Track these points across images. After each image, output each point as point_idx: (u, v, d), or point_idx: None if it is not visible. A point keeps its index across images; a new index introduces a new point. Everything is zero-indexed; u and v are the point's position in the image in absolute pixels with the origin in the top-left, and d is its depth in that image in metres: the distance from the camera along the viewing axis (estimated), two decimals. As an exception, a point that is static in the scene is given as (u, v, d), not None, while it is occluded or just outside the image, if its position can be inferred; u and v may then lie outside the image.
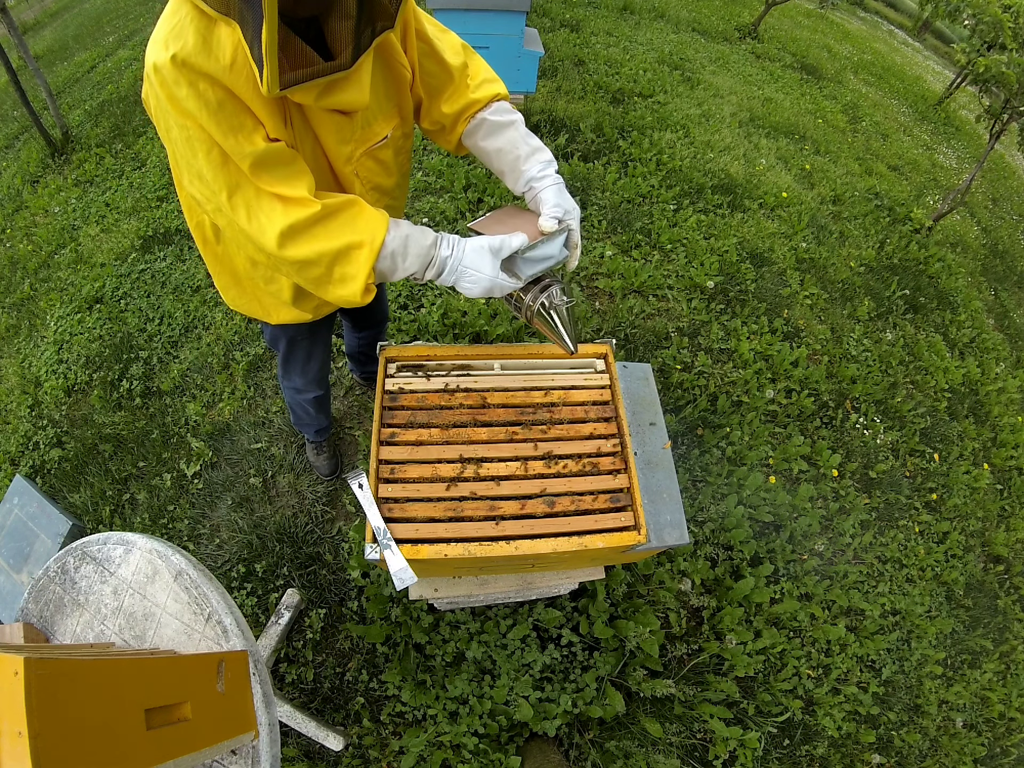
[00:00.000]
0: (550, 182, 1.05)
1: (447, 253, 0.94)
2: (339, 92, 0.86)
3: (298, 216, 0.85)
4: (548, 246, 1.01)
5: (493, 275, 0.94)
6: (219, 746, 0.75)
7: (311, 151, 0.95)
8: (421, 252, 0.93)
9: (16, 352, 2.73)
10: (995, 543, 2.49)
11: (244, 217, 0.87)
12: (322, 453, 2.06)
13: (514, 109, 1.14)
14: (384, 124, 1.04)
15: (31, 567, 1.87)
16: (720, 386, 2.55)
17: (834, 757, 1.82)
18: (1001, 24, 3.47)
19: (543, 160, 1.07)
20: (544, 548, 1.03)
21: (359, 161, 1.03)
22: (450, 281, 0.97)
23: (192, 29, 0.78)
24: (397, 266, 0.93)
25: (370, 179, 1.08)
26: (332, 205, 0.88)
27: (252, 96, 0.81)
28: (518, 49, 2.99)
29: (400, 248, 0.91)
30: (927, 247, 3.85)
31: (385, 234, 0.90)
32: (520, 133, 1.10)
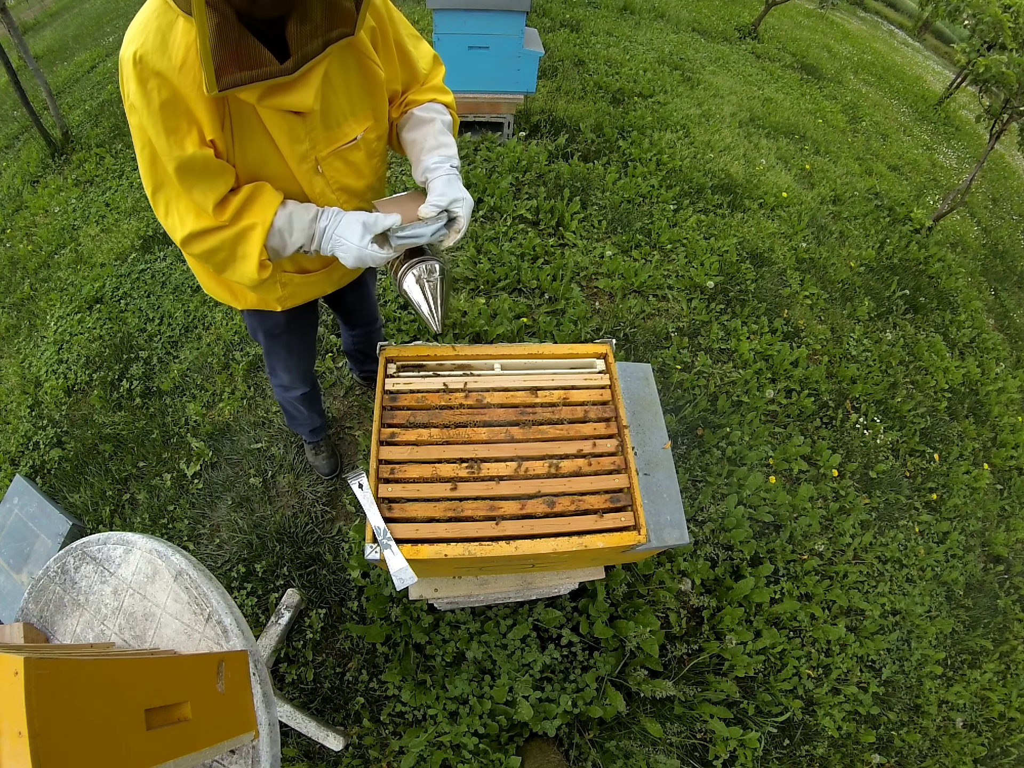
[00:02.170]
0: (442, 173, 1.08)
1: (324, 224, 1.02)
2: (283, 95, 0.89)
3: (205, 224, 0.96)
4: (420, 228, 1.04)
5: (362, 245, 1.00)
6: (219, 746, 0.75)
7: (257, 148, 0.98)
8: (304, 226, 1.01)
9: (16, 352, 2.73)
10: (995, 543, 2.49)
11: (163, 213, 0.98)
12: (320, 453, 2.06)
13: (444, 111, 1.19)
14: (355, 125, 1.06)
15: (31, 567, 1.87)
16: (720, 386, 2.55)
17: (834, 757, 1.82)
18: (1001, 24, 3.47)
19: (443, 154, 1.11)
20: (544, 548, 1.03)
21: (325, 160, 1.05)
22: (328, 249, 1.04)
23: (155, 26, 0.82)
24: (286, 241, 1.02)
25: (337, 179, 1.10)
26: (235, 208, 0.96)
27: (195, 95, 0.86)
28: (518, 49, 2.99)
29: (286, 225, 1.00)
30: (927, 247, 3.85)
31: (274, 214, 0.99)
32: (435, 128, 1.14)
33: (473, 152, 3.37)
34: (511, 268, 2.73)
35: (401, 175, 3.28)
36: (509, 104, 3.32)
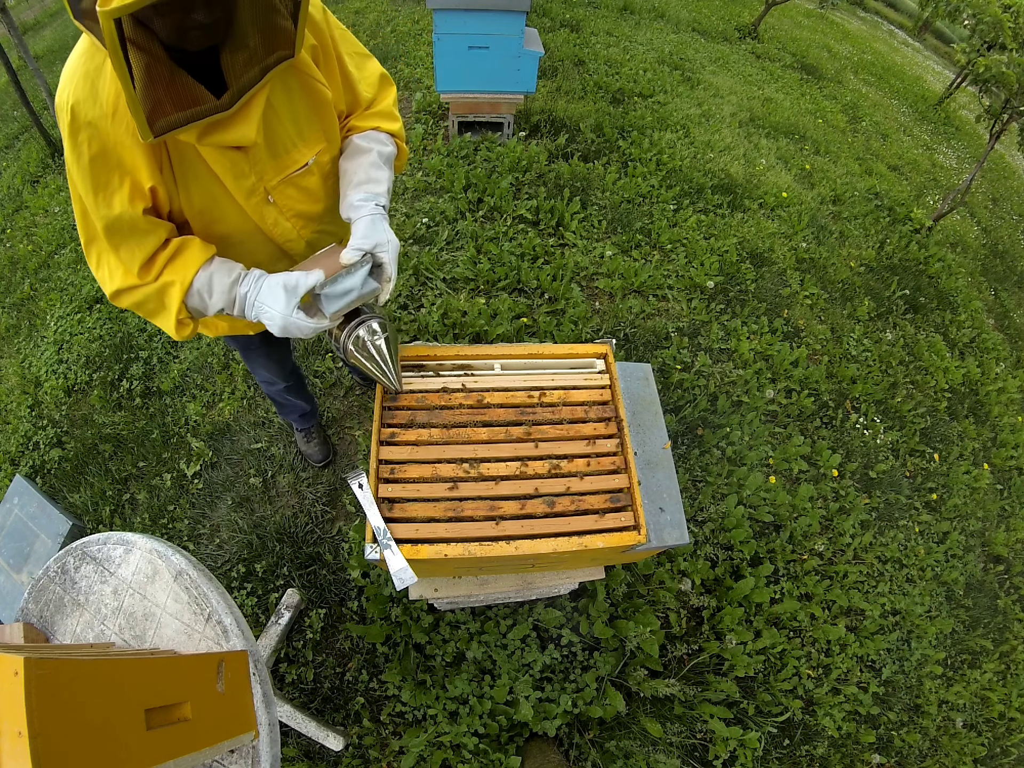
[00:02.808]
0: (365, 212, 1.01)
1: (245, 290, 0.95)
2: (223, 131, 0.85)
3: (130, 283, 0.94)
4: (349, 279, 0.96)
5: (286, 313, 0.92)
6: (219, 746, 0.75)
7: (203, 188, 0.94)
8: (224, 289, 0.95)
9: (16, 352, 2.73)
10: (995, 543, 2.49)
11: (94, 265, 0.95)
12: (312, 440, 2.05)
13: (387, 141, 1.11)
14: (305, 150, 1.02)
15: (31, 567, 1.87)
16: (720, 386, 2.55)
17: (834, 757, 1.82)
18: (1001, 24, 3.47)
19: (370, 191, 1.03)
20: (544, 548, 1.03)
21: (276, 189, 1.01)
22: (252, 316, 0.96)
23: (83, 71, 0.78)
24: (206, 303, 0.96)
25: (291, 207, 1.06)
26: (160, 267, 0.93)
27: (130, 143, 0.82)
28: (518, 49, 2.99)
29: (205, 286, 0.95)
30: (927, 247, 3.85)
31: (194, 274, 0.94)
32: (368, 161, 1.06)
33: (473, 152, 3.37)
34: (511, 268, 2.73)
35: (400, 175, 3.28)
36: (509, 104, 3.32)
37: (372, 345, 1.00)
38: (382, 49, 4.54)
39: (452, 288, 2.67)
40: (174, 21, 0.72)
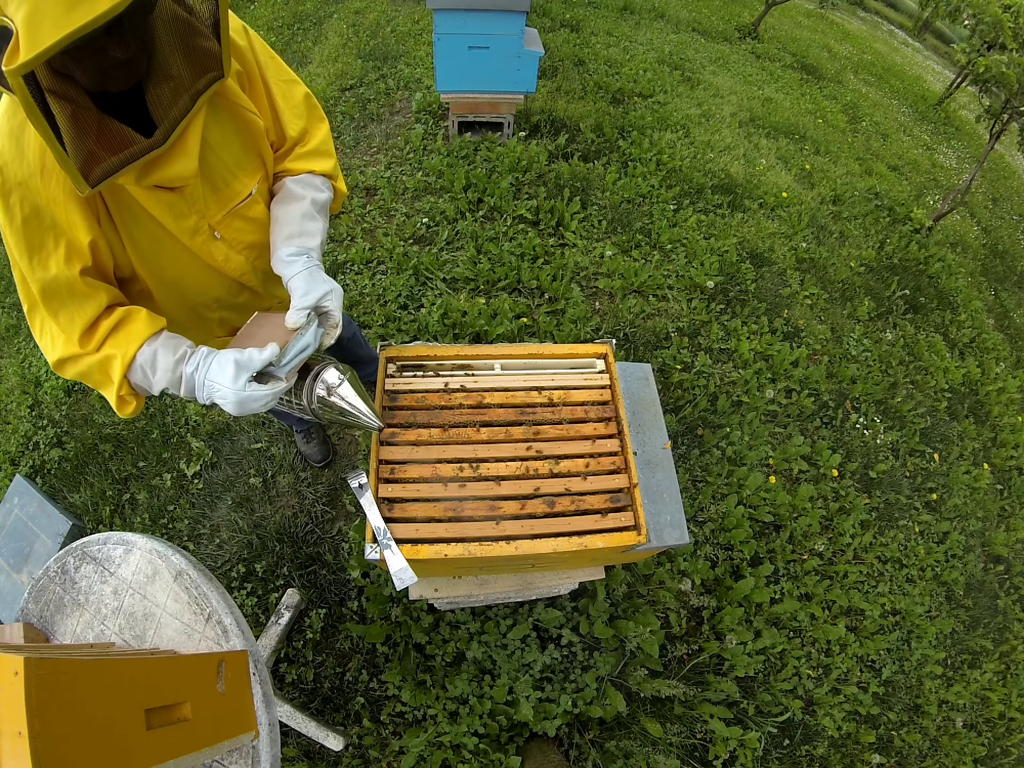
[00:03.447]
0: (300, 268, 0.96)
1: (191, 370, 0.89)
2: (163, 168, 0.82)
3: (72, 352, 0.88)
4: (302, 340, 0.92)
5: (238, 388, 0.85)
6: (219, 746, 0.75)
7: (147, 233, 0.90)
8: (168, 367, 0.88)
9: (16, 352, 2.72)
10: (995, 543, 2.49)
11: (37, 332, 0.90)
12: (311, 440, 2.06)
13: (322, 187, 1.06)
14: (246, 180, 0.98)
15: (31, 567, 1.87)
16: (720, 386, 2.55)
17: (834, 757, 1.82)
18: (1001, 24, 3.47)
19: (301, 245, 0.98)
20: (544, 548, 1.03)
21: (223, 223, 0.98)
22: (204, 398, 0.89)
23: (7, 130, 0.75)
24: (150, 380, 0.90)
25: (240, 240, 1.03)
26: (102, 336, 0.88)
27: (63, 199, 0.79)
28: (518, 49, 2.99)
29: (149, 363, 0.89)
30: (927, 247, 3.85)
31: (137, 349, 0.88)
32: (300, 211, 1.01)
33: (473, 152, 3.37)
34: (511, 268, 2.73)
35: (401, 175, 3.28)
36: (509, 104, 3.32)
37: (337, 395, 0.94)
38: (382, 49, 4.54)
39: (452, 288, 2.67)
40: (92, 65, 0.68)
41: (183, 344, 0.91)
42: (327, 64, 4.32)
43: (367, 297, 2.60)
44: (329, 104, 3.88)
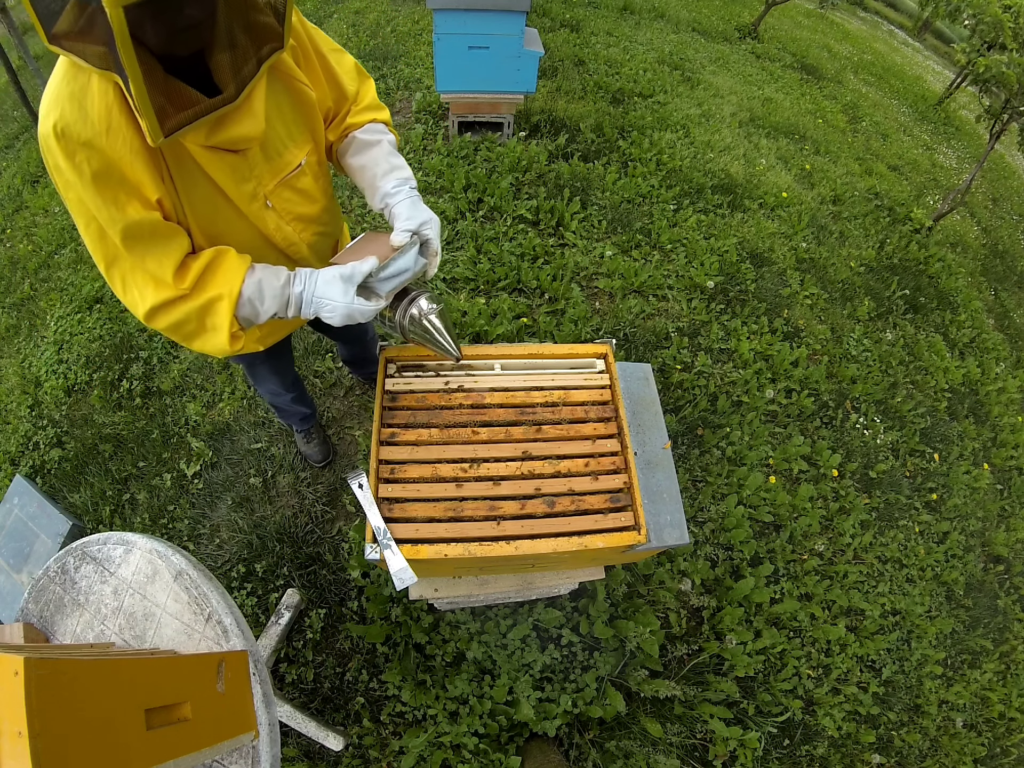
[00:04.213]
0: (403, 196, 1.06)
1: (300, 288, 0.96)
2: (231, 126, 0.84)
3: (166, 296, 0.89)
4: (402, 260, 1.00)
5: (348, 301, 0.94)
6: (219, 746, 0.75)
7: (205, 197, 0.93)
8: (276, 293, 0.95)
9: (16, 352, 2.72)
10: (995, 543, 2.49)
11: (120, 289, 0.92)
12: (312, 440, 2.06)
13: (387, 130, 1.15)
14: (296, 151, 1.02)
15: (31, 567, 1.87)
16: (720, 386, 2.55)
17: (834, 757, 1.82)
18: (1001, 24, 3.47)
19: (399, 177, 1.08)
20: (544, 548, 1.03)
21: (274, 193, 1.01)
22: (310, 313, 0.98)
23: (68, 93, 0.77)
24: (258, 310, 0.95)
25: (290, 210, 1.06)
26: (196, 275, 0.90)
27: (129, 157, 0.81)
28: (518, 49, 2.99)
29: (256, 293, 0.94)
30: (927, 247, 3.85)
31: (241, 283, 0.92)
32: (383, 152, 1.10)
33: (473, 152, 3.37)
34: (511, 268, 2.73)
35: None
36: (509, 104, 3.32)
37: (427, 320, 1.03)
38: (382, 49, 4.54)
39: (452, 288, 2.67)
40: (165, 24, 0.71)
41: (281, 269, 0.97)
42: (327, 64, 4.32)
43: (367, 297, 2.60)
44: (329, 104, 3.87)
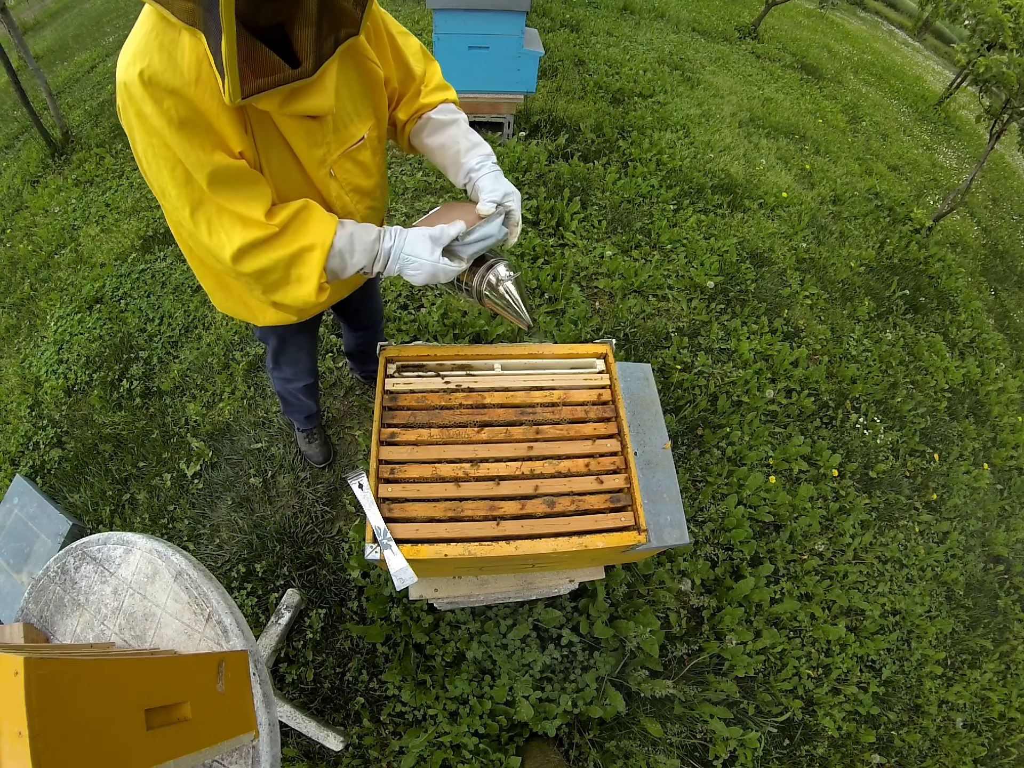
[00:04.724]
0: (487, 170, 1.11)
1: (389, 244, 1.00)
2: (303, 99, 0.87)
3: (255, 235, 0.90)
4: (488, 227, 1.05)
5: (434, 260, 0.99)
6: (219, 746, 0.75)
7: (280, 157, 0.96)
8: (366, 247, 0.99)
9: (16, 352, 2.72)
10: (995, 543, 2.49)
11: (205, 233, 0.90)
12: (313, 440, 2.06)
13: (458, 110, 1.20)
14: (360, 125, 1.06)
15: (31, 567, 1.87)
16: (720, 386, 2.55)
17: (834, 757, 1.82)
18: (1001, 24, 3.47)
19: (482, 153, 1.13)
20: (544, 548, 1.03)
21: (337, 163, 1.04)
22: (395, 270, 1.01)
23: (157, 44, 0.78)
24: (346, 263, 0.99)
25: (349, 180, 1.09)
26: (286, 218, 0.92)
27: (216, 109, 0.83)
28: (518, 49, 2.99)
29: (347, 246, 0.97)
30: (927, 247, 3.85)
31: (333, 235, 0.96)
32: (461, 130, 1.16)
33: (473, 152, 3.36)
34: (511, 268, 2.73)
35: (401, 175, 3.28)
36: (509, 104, 3.32)
37: (503, 287, 1.07)
38: (382, 49, 4.54)
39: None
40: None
41: (370, 225, 1.02)
42: (327, 64, 4.32)
43: (367, 297, 2.60)
44: (329, 104, 3.87)
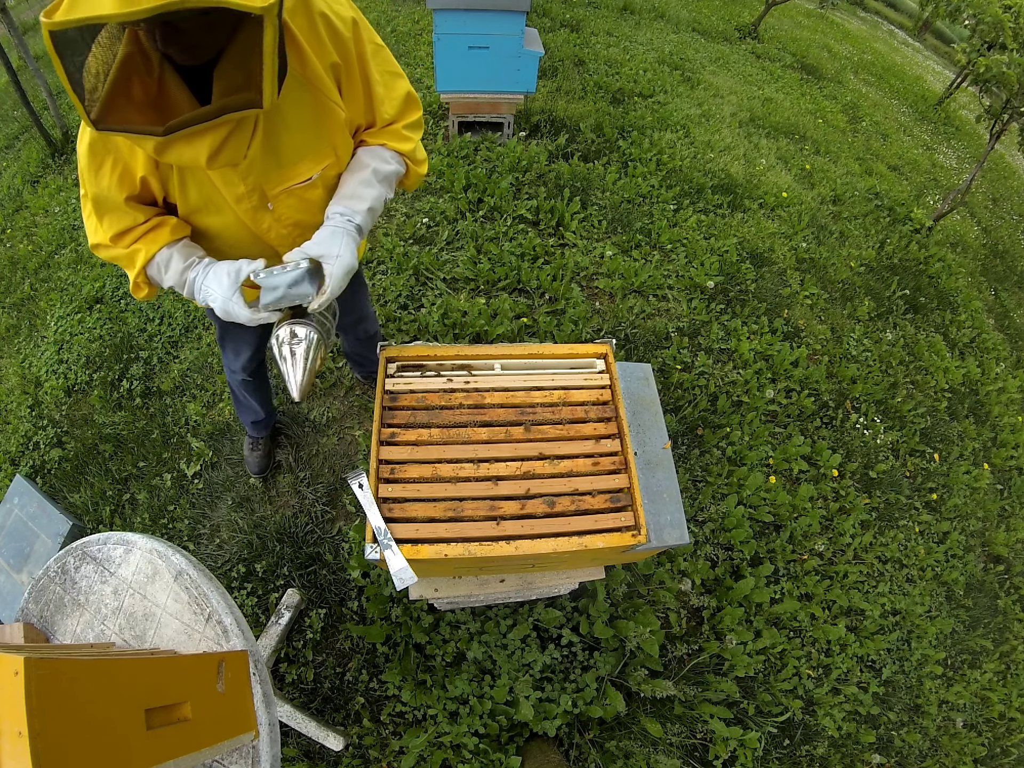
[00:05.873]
0: (333, 224, 1.02)
1: (194, 275, 1.02)
2: (171, 152, 0.84)
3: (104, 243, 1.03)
4: (283, 275, 0.96)
5: (226, 296, 0.98)
6: (219, 746, 0.75)
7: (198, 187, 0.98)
8: (176, 271, 1.02)
9: (16, 352, 2.72)
10: (995, 543, 2.49)
11: (85, 216, 1.03)
12: (256, 450, 2.05)
13: (394, 160, 1.10)
14: (312, 165, 1.02)
15: (31, 567, 1.87)
16: (720, 386, 2.55)
17: (834, 757, 1.82)
18: (1001, 24, 3.47)
19: (344, 207, 1.04)
20: (544, 548, 1.03)
21: (278, 198, 1.03)
22: (200, 300, 1.03)
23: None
24: (162, 277, 1.05)
25: (290, 216, 1.08)
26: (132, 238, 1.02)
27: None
28: (518, 49, 2.99)
29: (163, 262, 1.02)
30: (927, 247, 3.85)
31: (159, 249, 1.02)
32: (361, 177, 1.06)
33: (473, 152, 3.37)
34: (511, 268, 2.73)
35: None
36: (509, 104, 3.32)
37: (286, 346, 1.01)
38: (382, 49, 4.54)
39: (452, 288, 2.67)
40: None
41: (195, 253, 1.04)
42: (327, 64, 4.32)
43: (367, 297, 2.60)
44: (329, 104, 3.87)
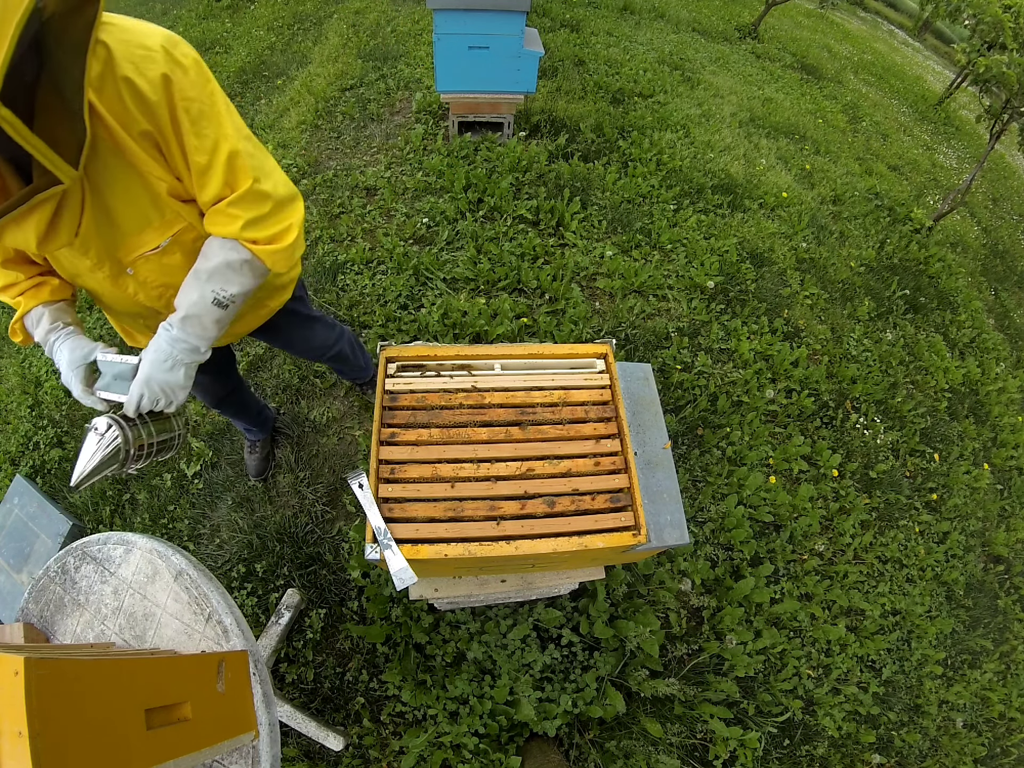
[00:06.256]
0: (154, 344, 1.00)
1: (54, 339, 1.07)
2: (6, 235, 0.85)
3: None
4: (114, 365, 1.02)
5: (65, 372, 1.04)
6: (219, 746, 0.75)
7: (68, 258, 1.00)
8: (43, 331, 1.07)
9: (16, 352, 2.72)
10: (995, 543, 2.49)
11: None
12: (253, 453, 2.07)
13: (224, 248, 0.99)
14: (157, 234, 0.98)
15: (31, 567, 1.88)
16: (720, 386, 2.55)
17: (834, 757, 1.82)
18: (1001, 24, 3.47)
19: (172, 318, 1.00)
20: (544, 548, 1.03)
21: (135, 264, 1.02)
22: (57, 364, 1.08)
23: None
24: (33, 331, 1.09)
25: (155, 279, 1.06)
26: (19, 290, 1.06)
27: None
28: (518, 49, 2.99)
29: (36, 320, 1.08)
30: (927, 247, 3.85)
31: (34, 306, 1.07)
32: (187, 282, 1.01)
33: (473, 152, 3.37)
34: (511, 268, 2.73)
35: (401, 175, 3.28)
36: (509, 104, 3.32)
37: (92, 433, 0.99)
38: (382, 49, 4.54)
39: (452, 288, 2.67)
40: None
41: (62, 319, 1.08)
42: (327, 64, 4.32)
43: (367, 297, 2.60)
44: (329, 104, 3.88)
